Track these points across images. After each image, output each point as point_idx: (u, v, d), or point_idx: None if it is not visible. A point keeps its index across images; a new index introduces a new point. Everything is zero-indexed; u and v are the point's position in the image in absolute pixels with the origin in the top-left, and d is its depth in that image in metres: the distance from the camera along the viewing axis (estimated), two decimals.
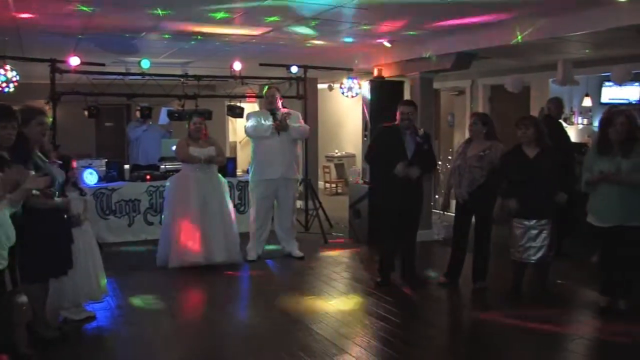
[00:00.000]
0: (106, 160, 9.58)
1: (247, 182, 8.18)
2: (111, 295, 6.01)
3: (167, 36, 7.55)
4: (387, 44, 8.35)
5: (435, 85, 9.59)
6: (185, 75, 9.46)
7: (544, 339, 5.09)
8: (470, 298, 6.32)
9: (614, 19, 5.89)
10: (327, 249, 8.25)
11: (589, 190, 5.41)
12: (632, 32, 6.24)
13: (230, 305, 6.06)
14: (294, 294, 6.29)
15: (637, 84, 10.78)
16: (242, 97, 10.60)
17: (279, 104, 7.48)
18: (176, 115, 9.41)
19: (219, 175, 7.45)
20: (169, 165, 9.28)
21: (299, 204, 8.94)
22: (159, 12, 6.03)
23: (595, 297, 5.71)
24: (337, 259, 7.77)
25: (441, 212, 7.89)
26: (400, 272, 6.62)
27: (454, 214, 6.64)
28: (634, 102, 10.44)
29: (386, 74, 9.16)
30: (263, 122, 7.36)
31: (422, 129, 6.50)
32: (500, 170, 6.00)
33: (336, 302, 6.03)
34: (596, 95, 9.46)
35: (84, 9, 5.88)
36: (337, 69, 9.91)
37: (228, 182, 7.74)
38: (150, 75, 9.08)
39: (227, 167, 8.92)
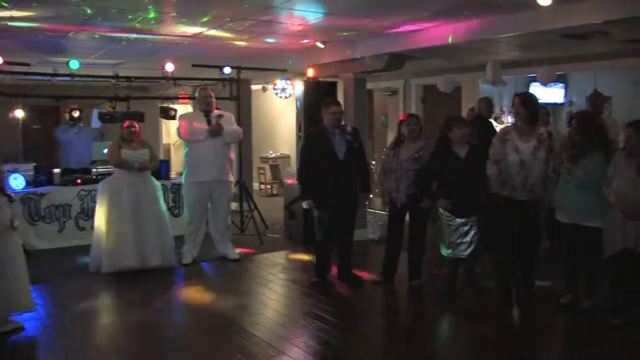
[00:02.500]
0: (34, 164, 9.26)
1: (181, 184, 8.08)
2: (41, 304, 5.83)
3: (96, 36, 7.37)
4: (321, 45, 8.38)
5: (369, 85, 9.68)
6: (116, 77, 9.25)
7: (479, 334, 5.21)
8: (406, 296, 6.39)
9: (539, 23, 6.09)
10: (263, 251, 8.21)
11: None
12: (555, 36, 6.47)
13: (166, 309, 5.97)
14: (231, 296, 6.25)
15: (561, 85, 11.17)
16: (175, 98, 10.44)
17: (213, 105, 7.41)
18: (107, 117, 9.19)
19: (152, 178, 7.32)
20: (100, 169, 9.05)
21: (234, 205, 8.88)
22: (87, 10, 5.87)
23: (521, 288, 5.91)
24: (273, 260, 7.75)
25: (379, 210, 7.91)
26: (337, 271, 6.65)
27: (387, 213, 6.69)
28: (559, 104, 10.81)
29: (320, 74, 9.19)
30: (196, 124, 7.27)
31: (349, 126, 6.54)
32: (430, 170, 6.03)
33: (273, 304, 6.03)
34: None
35: (4, 4, 5.67)
36: (271, 69, 9.88)
37: (162, 184, 7.62)
38: (79, 76, 8.85)
39: (161, 169, 8.78)
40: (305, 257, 7.78)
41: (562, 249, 5.71)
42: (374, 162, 11.19)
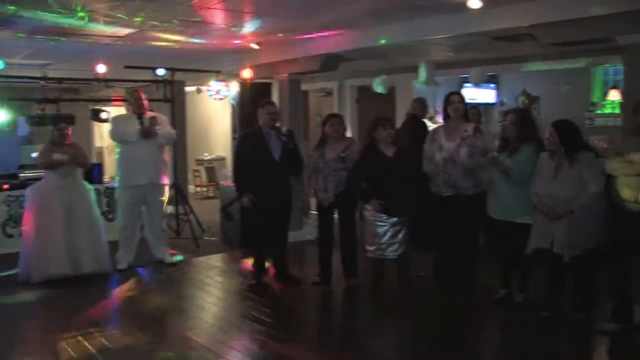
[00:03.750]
0: None
1: (114, 188, 7.90)
2: None
3: (22, 35, 7.13)
4: (255, 46, 8.34)
5: (304, 86, 9.70)
6: (45, 78, 8.96)
7: (415, 330, 5.29)
8: (343, 295, 6.43)
9: (469, 25, 6.24)
10: (199, 254, 8.12)
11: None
12: (486, 38, 6.63)
13: (100, 318, 5.81)
14: (168, 301, 6.16)
15: (492, 85, 11.45)
16: (108, 100, 10.22)
17: (145, 107, 7.28)
18: (36, 120, 8.90)
19: (84, 182, 7.13)
20: (29, 174, 8.77)
21: (169, 209, 8.75)
22: (9, 7, 5.67)
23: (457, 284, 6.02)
24: (210, 264, 7.67)
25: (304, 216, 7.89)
26: (274, 273, 6.64)
27: (317, 213, 6.70)
28: (490, 104, 11.07)
29: (255, 76, 9.16)
30: (129, 126, 7.13)
31: (284, 127, 6.54)
32: (358, 170, 6.06)
33: (211, 307, 5.97)
34: None
35: None
36: (205, 71, 9.77)
37: (95, 188, 7.44)
38: (4, 77, 8.54)
39: (93, 173, 8.57)
40: (243, 259, 7.73)
41: (496, 245, 5.87)
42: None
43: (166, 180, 7.55)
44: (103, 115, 9.13)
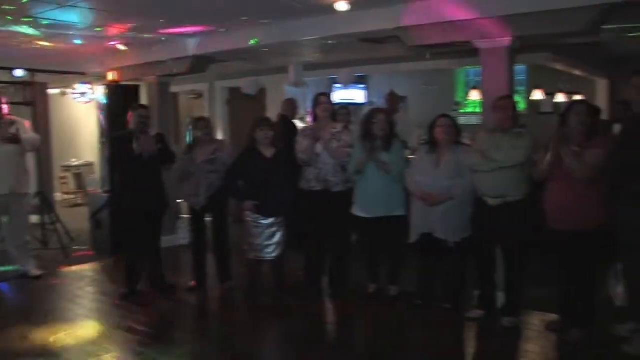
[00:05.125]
0: None
1: None
2: None
3: None
4: (122, 48, 8.11)
5: (174, 88, 9.55)
6: None
7: (292, 330, 5.34)
8: (219, 299, 6.38)
9: (338, 27, 6.37)
10: (68, 265, 7.76)
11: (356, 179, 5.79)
12: (354, 39, 6.80)
13: None
14: (35, 317, 5.81)
15: (362, 86, 11.76)
16: None
17: (4, 111, 6.88)
18: None
19: None
20: None
21: (34, 219, 8.32)
22: None
23: (324, 284, 6.20)
24: (81, 274, 7.36)
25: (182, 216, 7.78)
26: (148, 280, 6.48)
27: (189, 217, 6.61)
28: (360, 104, 11.36)
29: (122, 78, 8.89)
30: None
31: (154, 131, 6.41)
32: (235, 170, 6.08)
33: (82, 320, 5.73)
34: None
35: None
36: (69, 72, 9.38)
37: None
38: None
39: None
40: (114, 267, 7.46)
41: (364, 242, 6.05)
42: None
43: (29, 189, 7.16)
44: None
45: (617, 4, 4.98)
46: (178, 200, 6.61)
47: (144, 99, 8.88)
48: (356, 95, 11.76)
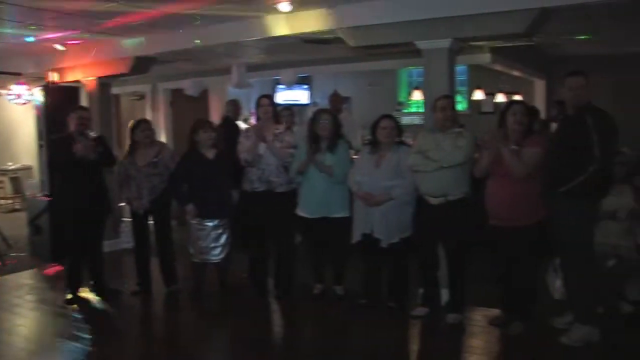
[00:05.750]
0: None
1: None
2: None
3: None
4: (60, 48, 7.92)
5: (115, 90, 9.38)
6: None
7: (238, 333, 5.31)
8: (163, 303, 6.30)
9: (280, 28, 6.37)
10: (5, 272, 7.51)
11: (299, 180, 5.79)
12: (297, 40, 6.81)
13: None
14: None
15: (305, 87, 11.80)
16: None
17: None
18: None
19: None
20: None
21: None
22: None
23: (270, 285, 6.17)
24: (19, 282, 7.13)
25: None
26: (91, 285, 6.36)
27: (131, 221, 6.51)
28: (304, 104, 11.38)
29: (61, 78, 8.68)
30: None
31: (93, 132, 6.30)
32: (178, 173, 6.02)
33: (21, 330, 5.55)
34: None
35: None
36: (3, 73, 9.10)
37: None
38: None
39: None
40: (55, 273, 7.29)
41: (309, 242, 6.09)
42: None
43: None
44: None
45: (554, 7, 5.13)
46: (120, 204, 6.47)
47: (84, 101, 8.69)
48: (300, 95, 11.79)
